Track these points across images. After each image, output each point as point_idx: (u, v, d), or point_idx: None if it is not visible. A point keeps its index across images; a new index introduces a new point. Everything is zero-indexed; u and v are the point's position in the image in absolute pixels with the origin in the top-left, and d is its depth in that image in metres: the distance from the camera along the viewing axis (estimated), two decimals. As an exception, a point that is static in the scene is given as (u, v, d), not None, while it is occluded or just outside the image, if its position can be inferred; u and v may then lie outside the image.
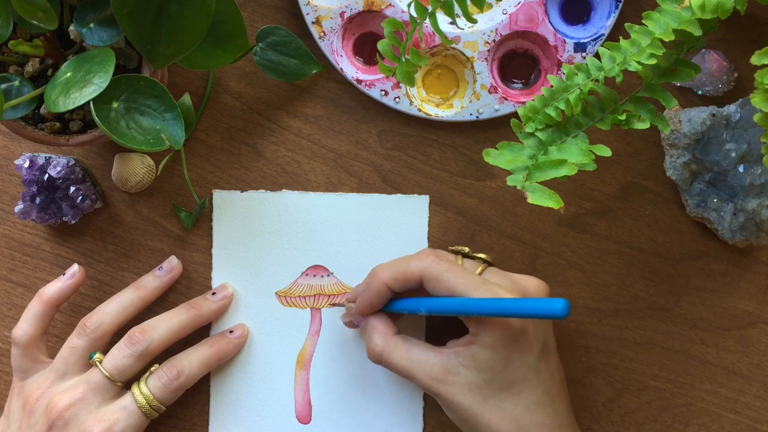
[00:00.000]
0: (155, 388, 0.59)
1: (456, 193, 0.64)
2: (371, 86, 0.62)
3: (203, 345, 0.62)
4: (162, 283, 0.63)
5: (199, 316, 0.62)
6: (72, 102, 0.51)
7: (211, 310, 0.63)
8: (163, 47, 0.52)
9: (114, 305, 0.61)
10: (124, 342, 0.59)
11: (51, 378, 0.59)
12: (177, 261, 0.63)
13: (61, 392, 0.58)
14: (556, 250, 0.64)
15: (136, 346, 0.59)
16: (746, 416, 0.64)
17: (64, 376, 0.59)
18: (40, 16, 0.51)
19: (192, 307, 0.62)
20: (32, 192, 0.62)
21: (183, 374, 0.60)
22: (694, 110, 0.61)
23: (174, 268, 0.63)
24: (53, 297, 0.61)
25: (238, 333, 0.63)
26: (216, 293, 0.63)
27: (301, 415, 0.64)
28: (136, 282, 0.63)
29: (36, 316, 0.60)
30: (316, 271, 0.64)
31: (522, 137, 0.54)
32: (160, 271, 0.63)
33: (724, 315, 0.64)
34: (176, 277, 0.63)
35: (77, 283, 0.62)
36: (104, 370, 0.58)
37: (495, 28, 0.61)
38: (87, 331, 0.60)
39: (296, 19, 0.63)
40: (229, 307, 0.64)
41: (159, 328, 0.60)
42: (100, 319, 0.60)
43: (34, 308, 0.61)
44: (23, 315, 0.61)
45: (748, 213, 0.60)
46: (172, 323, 0.61)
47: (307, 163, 0.64)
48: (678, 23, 0.51)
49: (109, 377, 0.58)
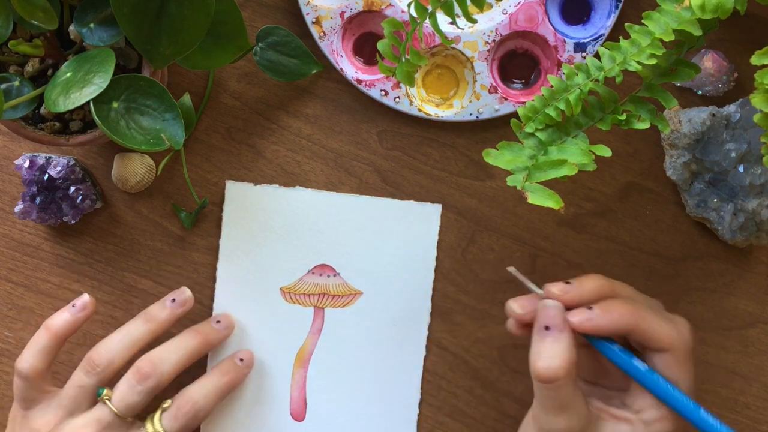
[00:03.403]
0: (173, 429, 0.57)
1: (456, 193, 0.64)
2: (371, 86, 0.62)
3: (216, 375, 0.60)
4: (173, 315, 0.60)
5: (206, 342, 0.61)
6: (72, 102, 0.51)
7: (217, 339, 0.62)
8: (163, 47, 0.52)
9: (123, 339, 0.58)
10: (134, 377, 0.57)
11: (59, 415, 0.58)
12: (190, 294, 0.61)
13: (71, 431, 0.57)
14: (556, 250, 0.64)
15: (146, 383, 0.57)
16: (746, 416, 0.64)
17: (72, 414, 0.58)
18: (40, 16, 0.51)
19: (198, 333, 0.61)
20: (32, 192, 0.62)
21: (200, 412, 0.58)
22: (694, 110, 0.60)
23: (187, 300, 0.61)
24: (62, 330, 0.58)
25: (247, 360, 0.62)
26: (221, 321, 0.62)
27: (295, 412, 0.64)
28: (146, 313, 0.60)
29: (43, 350, 0.58)
30: (323, 270, 0.64)
31: (522, 137, 0.54)
32: (172, 302, 0.60)
33: (724, 315, 0.64)
34: (188, 309, 0.61)
35: (88, 316, 0.59)
36: (114, 408, 0.57)
37: (495, 28, 0.61)
38: (97, 370, 0.57)
39: (296, 19, 0.63)
40: (233, 300, 0.64)
41: (168, 360, 0.58)
42: (111, 356, 0.58)
43: (42, 340, 0.58)
44: (29, 346, 0.58)
45: (748, 213, 0.60)
46: (180, 354, 0.59)
47: (307, 163, 0.64)
48: (678, 23, 0.51)
49: (119, 415, 0.57)
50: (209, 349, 0.62)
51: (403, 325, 0.64)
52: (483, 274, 0.64)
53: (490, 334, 0.64)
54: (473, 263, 0.64)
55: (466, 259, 0.64)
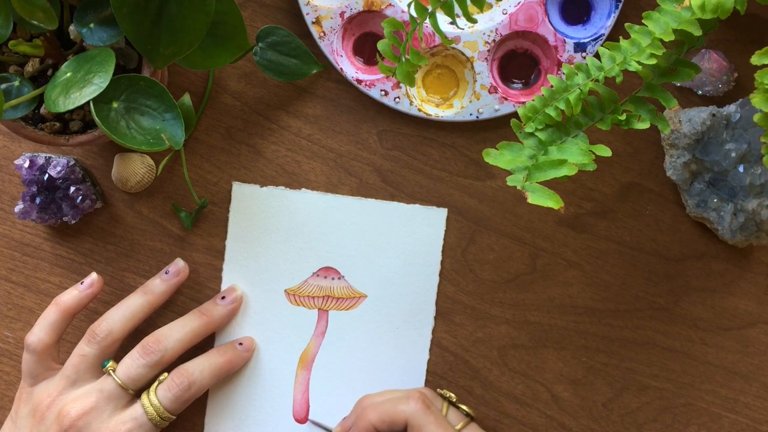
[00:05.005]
0: (165, 399, 0.58)
1: (456, 193, 0.64)
2: (371, 86, 0.62)
3: (214, 354, 0.61)
4: (169, 286, 0.62)
5: (210, 322, 0.62)
6: (72, 102, 0.51)
7: (222, 315, 0.63)
8: (163, 47, 0.52)
9: (122, 311, 0.60)
10: (138, 352, 0.59)
11: (62, 385, 0.59)
12: (183, 263, 0.63)
13: (72, 400, 0.58)
14: (556, 250, 0.64)
15: (150, 356, 0.59)
16: (746, 416, 0.64)
17: (74, 384, 0.59)
18: (40, 16, 0.51)
19: (203, 314, 0.62)
20: (32, 192, 0.62)
21: (194, 385, 0.59)
22: (694, 110, 0.60)
23: (181, 270, 0.63)
24: (70, 305, 0.60)
25: (246, 346, 0.63)
26: (225, 297, 0.63)
27: (298, 414, 0.64)
28: (144, 286, 0.62)
29: (52, 324, 0.60)
30: (327, 273, 0.64)
31: (522, 137, 0.54)
32: (166, 274, 0.62)
33: (724, 315, 0.64)
34: (183, 279, 0.63)
35: (95, 293, 0.61)
36: (118, 378, 0.58)
37: (495, 28, 0.61)
38: (97, 339, 0.59)
39: (296, 19, 0.63)
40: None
41: (172, 338, 0.60)
42: (110, 326, 0.60)
43: (51, 316, 0.60)
44: (38, 321, 0.60)
45: (748, 213, 0.60)
46: (185, 332, 0.60)
47: (307, 163, 0.64)
48: (678, 23, 0.51)
49: (123, 386, 0.58)
50: (215, 328, 0.63)
51: (407, 329, 0.64)
52: (483, 274, 0.64)
53: (490, 334, 0.64)
54: (473, 263, 0.64)
55: (466, 259, 0.64)
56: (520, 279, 0.64)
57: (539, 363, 0.64)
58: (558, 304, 0.64)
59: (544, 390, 0.64)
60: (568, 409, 0.64)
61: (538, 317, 0.64)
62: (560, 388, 0.64)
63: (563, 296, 0.64)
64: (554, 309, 0.64)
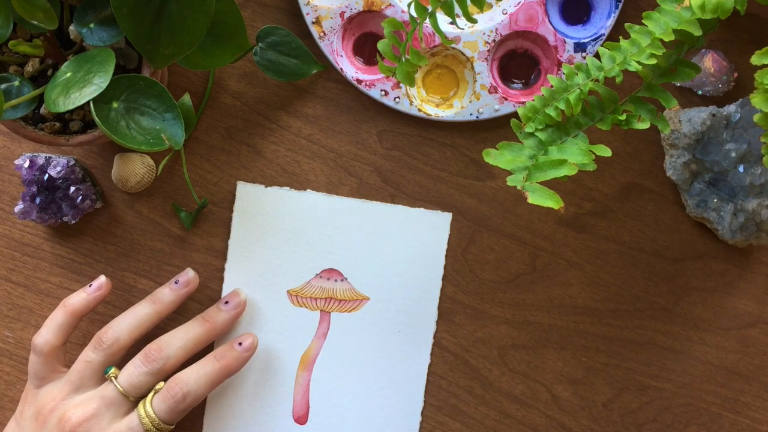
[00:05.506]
0: (160, 410, 0.58)
1: (456, 193, 0.64)
2: (371, 86, 0.62)
3: (210, 360, 0.60)
4: (178, 296, 0.61)
5: (214, 328, 0.61)
6: (72, 102, 0.51)
7: (226, 321, 0.62)
8: (163, 47, 0.52)
9: (130, 319, 0.60)
10: (141, 359, 0.59)
11: (66, 390, 0.59)
12: (194, 274, 0.62)
13: (74, 406, 0.58)
14: (556, 250, 0.64)
15: (152, 364, 0.58)
16: (746, 416, 0.64)
17: (78, 389, 0.59)
18: (40, 16, 0.51)
19: (206, 321, 0.61)
20: (32, 192, 0.62)
21: (189, 396, 0.58)
22: (694, 110, 0.60)
23: (191, 281, 0.62)
24: (78, 308, 0.60)
25: (247, 344, 0.62)
26: (229, 302, 0.63)
27: (298, 416, 0.64)
28: (152, 295, 0.62)
29: (59, 326, 0.60)
30: (330, 275, 0.64)
31: (522, 137, 0.54)
32: (176, 284, 0.62)
33: (724, 315, 0.64)
34: (193, 290, 0.62)
35: (103, 296, 0.61)
36: (119, 386, 0.58)
37: (495, 28, 0.61)
38: (103, 346, 0.59)
39: (296, 19, 0.63)
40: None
41: (175, 345, 0.59)
42: (117, 334, 0.59)
43: (58, 318, 0.60)
44: (46, 323, 0.60)
45: (748, 213, 0.60)
46: (188, 339, 0.60)
47: (307, 163, 0.64)
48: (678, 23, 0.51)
49: (124, 393, 0.58)
50: (219, 334, 0.62)
51: (409, 332, 0.64)
52: (483, 274, 0.64)
53: (490, 334, 0.64)
54: (473, 263, 0.64)
55: (466, 259, 0.64)
56: (520, 279, 0.64)
57: (539, 363, 0.64)
58: (558, 304, 0.64)
59: (544, 390, 0.64)
60: (568, 409, 0.64)
61: (538, 317, 0.64)
62: (560, 388, 0.64)
63: (563, 296, 0.64)
64: (554, 309, 0.64)
